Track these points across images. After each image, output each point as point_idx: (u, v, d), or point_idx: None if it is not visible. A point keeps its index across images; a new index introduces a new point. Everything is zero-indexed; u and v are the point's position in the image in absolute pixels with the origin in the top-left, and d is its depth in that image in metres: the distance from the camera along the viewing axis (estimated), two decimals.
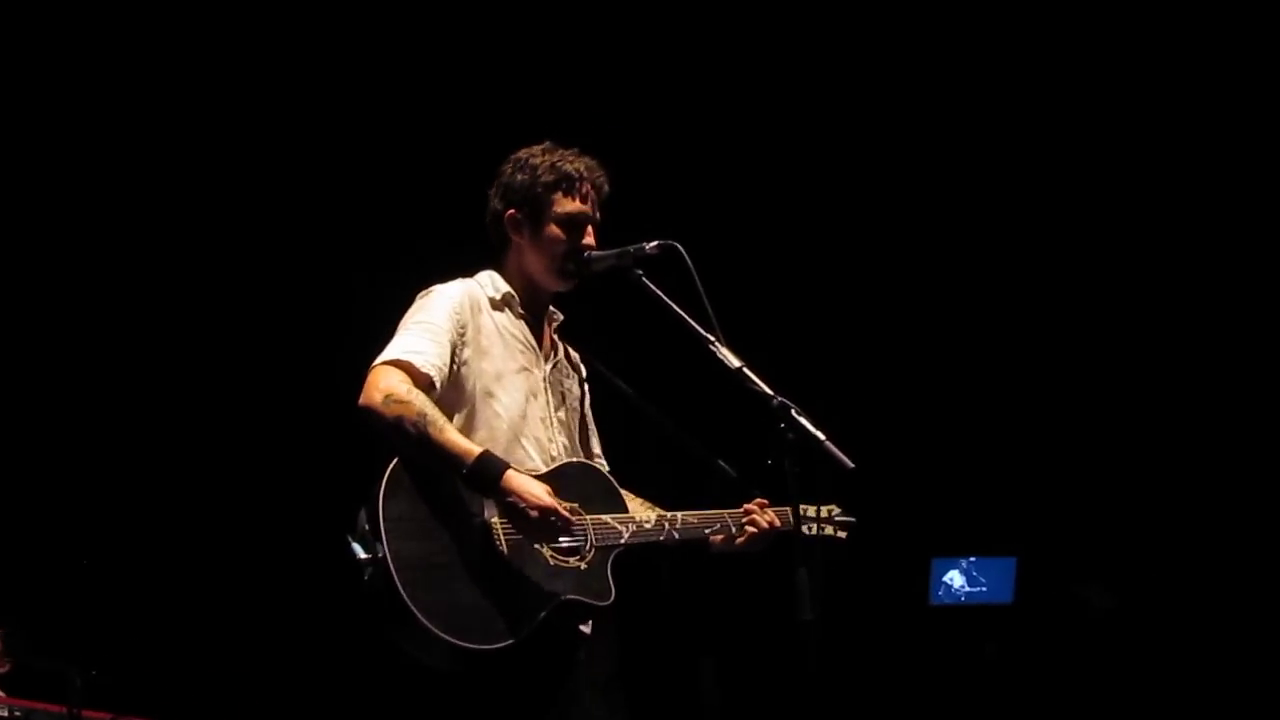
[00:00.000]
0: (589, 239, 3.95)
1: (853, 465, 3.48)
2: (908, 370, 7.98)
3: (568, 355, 4.15)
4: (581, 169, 3.95)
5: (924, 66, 7.45)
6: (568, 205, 3.93)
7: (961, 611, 7.52)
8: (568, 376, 4.10)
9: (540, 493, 3.60)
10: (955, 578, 7.57)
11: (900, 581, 7.56)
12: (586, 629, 3.91)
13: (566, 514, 3.63)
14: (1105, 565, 7.11)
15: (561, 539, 3.67)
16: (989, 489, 7.76)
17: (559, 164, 3.95)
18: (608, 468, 4.16)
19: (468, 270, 4.02)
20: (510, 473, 3.60)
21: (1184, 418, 7.38)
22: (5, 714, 5.42)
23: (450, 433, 3.62)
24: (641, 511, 3.95)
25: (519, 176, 3.97)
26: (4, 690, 5.51)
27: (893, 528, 4.50)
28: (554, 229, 3.93)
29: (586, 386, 4.19)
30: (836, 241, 7.87)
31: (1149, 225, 7.52)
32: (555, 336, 4.10)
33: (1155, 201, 7.48)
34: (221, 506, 6.86)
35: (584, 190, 3.95)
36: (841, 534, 4.14)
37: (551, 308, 4.09)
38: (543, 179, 3.93)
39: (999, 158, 7.65)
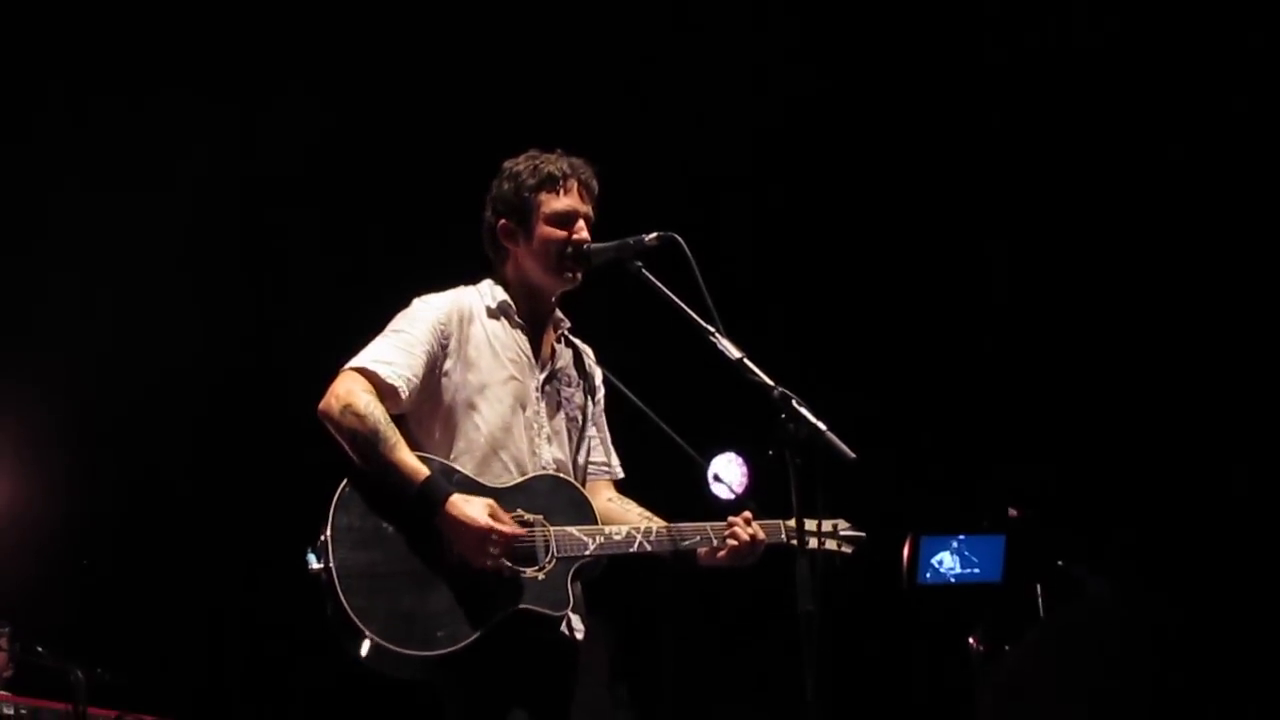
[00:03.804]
0: (583, 234, 3.93)
1: (854, 456, 3.46)
2: (897, 347, 7.95)
3: (578, 363, 4.12)
4: (565, 167, 3.95)
5: (916, 49, 7.42)
6: (555, 203, 3.92)
7: (949, 592, 7.45)
8: (569, 385, 4.06)
9: (477, 515, 3.61)
10: (945, 558, 7.51)
11: (885, 563, 7.49)
12: (579, 634, 3.91)
13: (507, 533, 3.62)
14: (1098, 547, 7.06)
15: (494, 559, 3.63)
16: (973, 465, 7.75)
17: (541, 166, 3.95)
18: (617, 475, 4.15)
19: (472, 278, 4.02)
20: (452, 500, 3.61)
21: (1189, 387, 7.32)
22: (11, 712, 5.40)
23: (400, 453, 3.64)
24: (625, 522, 3.93)
25: (505, 186, 3.97)
26: (10, 690, 5.46)
27: (876, 507, 4.46)
28: (546, 229, 3.92)
29: (600, 394, 4.17)
30: (817, 219, 7.86)
31: (1151, 204, 7.47)
32: (561, 344, 4.08)
33: (1157, 190, 7.44)
34: (226, 505, 6.81)
35: (570, 186, 3.94)
36: (847, 549, 4.08)
37: (559, 314, 4.06)
38: (527, 183, 3.93)
39: (997, 133, 7.65)
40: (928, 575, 7.57)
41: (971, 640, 6.64)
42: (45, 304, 6.55)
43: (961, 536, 7.44)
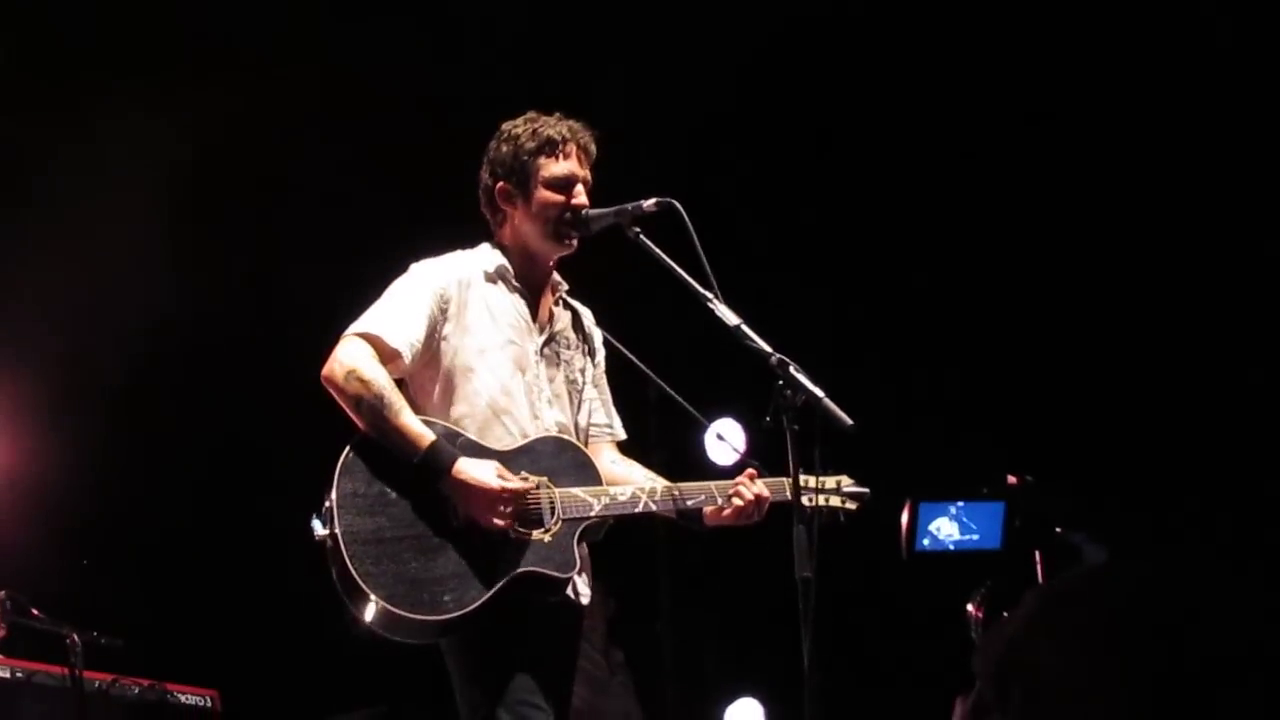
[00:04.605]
0: (581, 198, 3.94)
1: (852, 423, 3.48)
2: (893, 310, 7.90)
3: (577, 326, 4.13)
4: (564, 131, 3.97)
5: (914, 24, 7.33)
6: (554, 167, 3.93)
7: (948, 559, 7.42)
8: (568, 347, 4.07)
9: (485, 476, 3.63)
10: (944, 525, 7.48)
11: (882, 529, 7.46)
12: (584, 598, 3.94)
13: (516, 488, 3.65)
14: (1096, 512, 7.04)
15: (505, 518, 3.64)
16: (972, 430, 7.69)
17: (541, 129, 3.95)
18: (620, 436, 4.17)
19: (469, 242, 4.03)
20: (459, 463, 3.64)
21: (1197, 346, 7.25)
22: (7, 675, 5.39)
23: (405, 417, 3.67)
24: (629, 483, 3.95)
25: (503, 149, 3.98)
26: (4, 653, 5.44)
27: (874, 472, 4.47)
28: (544, 193, 3.92)
29: (600, 355, 4.19)
30: (815, 185, 7.78)
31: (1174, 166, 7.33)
32: (559, 307, 4.09)
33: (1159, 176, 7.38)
34: (223, 468, 6.79)
35: (569, 151, 3.95)
36: (851, 505, 4.10)
37: (556, 276, 4.07)
38: (526, 146, 3.94)
39: (993, 113, 7.52)
40: (926, 542, 7.55)
41: (970, 608, 6.63)
42: (32, 262, 6.46)
43: (960, 503, 7.41)
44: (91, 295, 6.43)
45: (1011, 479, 7.19)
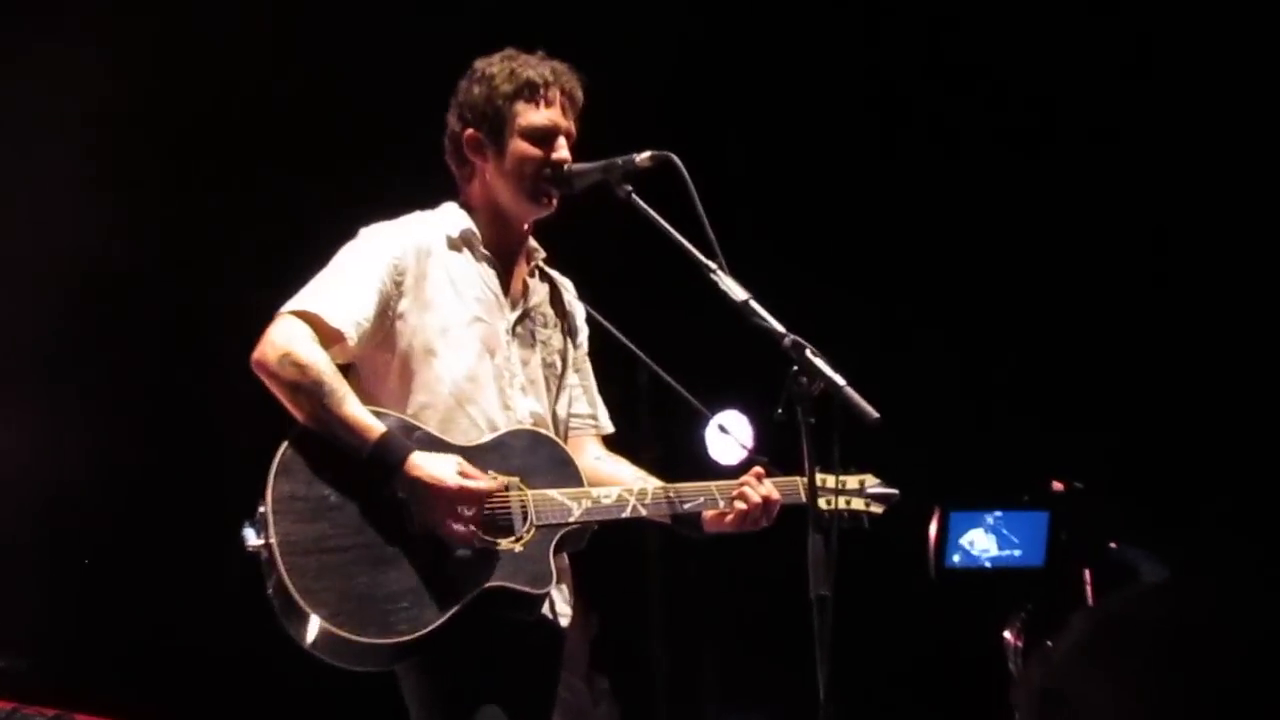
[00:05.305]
0: (563, 152, 3.90)
1: (877, 416, 3.43)
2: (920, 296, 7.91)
3: (556, 301, 4.10)
4: (547, 74, 3.90)
5: None
6: (533, 116, 3.88)
7: (982, 578, 7.39)
8: (545, 325, 4.04)
9: (444, 474, 3.58)
10: (978, 538, 7.44)
11: (907, 542, 7.45)
12: (564, 618, 3.91)
13: (480, 489, 3.60)
14: (1155, 523, 7.04)
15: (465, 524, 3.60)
16: (1012, 428, 7.68)
17: (519, 70, 3.90)
18: (605, 429, 4.15)
19: (428, 203, 3.99)
20: (413, 458, 3.59)
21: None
22: None
23: (349, 407, 3.61)
24: (616, 483, 3.92)
25: (476, 90, 3.92)
26: None
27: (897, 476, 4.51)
28: (520, 144, 3.88)
29: (582, 335, 4.16)
30: (843, 154, 7.80)
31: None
32: (535, 279, 4.05)
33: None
34: (148, 464, 6.77)
35: (552, 97, 3.90)
36: (876, 509, 4.07)
37: (532, 243, 4.03)
38: (501, 89, 3.88)
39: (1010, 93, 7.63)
40: (957, 558, 7.50)
41: (1008, 634, 6.60)
42: None
43: (998, 512, 7.38)
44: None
45: (1057, 484, 7.18)
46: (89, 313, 6.59)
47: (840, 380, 3.44)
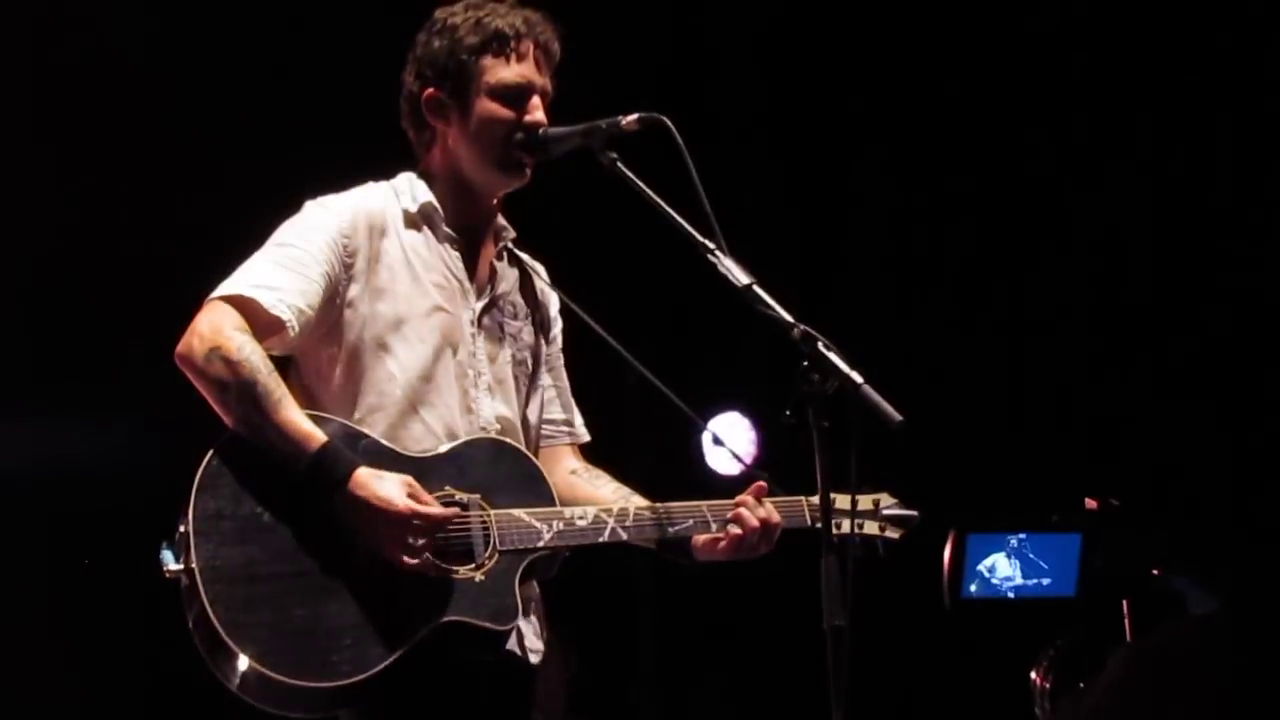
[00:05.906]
0: (537, 114, 3.86)
1: (901, 418, 3.36)
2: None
3: (527, 288, 4.09)
4: (518, 23, 3.88)
5: None
6: (502, 72, 3.85)
7: (1005, 609, 7.38)
8: (516, 317, 4.03)
9: (391, 494, 3.52)
10: (1000, 564, 7.42)
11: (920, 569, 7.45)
12: (534, 655, 3.90)
13: (433, 515, 3.55)
14: (1206, 550, 7.03)
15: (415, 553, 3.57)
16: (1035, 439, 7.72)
17: (486, 20, 3.87)
18: (582, 438, 4.16)
19: (382, 174, 3.95)
20: (358, 475, 3.54)
21: None
22: None
23: (286, 412, 3.56)
24: (593, 501, 3.90)
25: (437, 43, 3.90)
26: None
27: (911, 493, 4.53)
28: (488, 104, 3.85)
29: (556, 328, 4.16)
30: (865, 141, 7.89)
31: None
32: (502, 261, 4.02)
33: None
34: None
35: (524, 50, 3.87)
36: (893, 534, 4.07)
37: (501, 220, 4.02)
38: (466, 42, 3.86)
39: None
40: (974, 587, 7.48)
41: (1034, 675, 6.58)
42: None
43: (1022, 535, 7.36)
44: None
45: (1091, 503, 7.16)
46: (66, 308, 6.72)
47: (858, 377, 3.36)
